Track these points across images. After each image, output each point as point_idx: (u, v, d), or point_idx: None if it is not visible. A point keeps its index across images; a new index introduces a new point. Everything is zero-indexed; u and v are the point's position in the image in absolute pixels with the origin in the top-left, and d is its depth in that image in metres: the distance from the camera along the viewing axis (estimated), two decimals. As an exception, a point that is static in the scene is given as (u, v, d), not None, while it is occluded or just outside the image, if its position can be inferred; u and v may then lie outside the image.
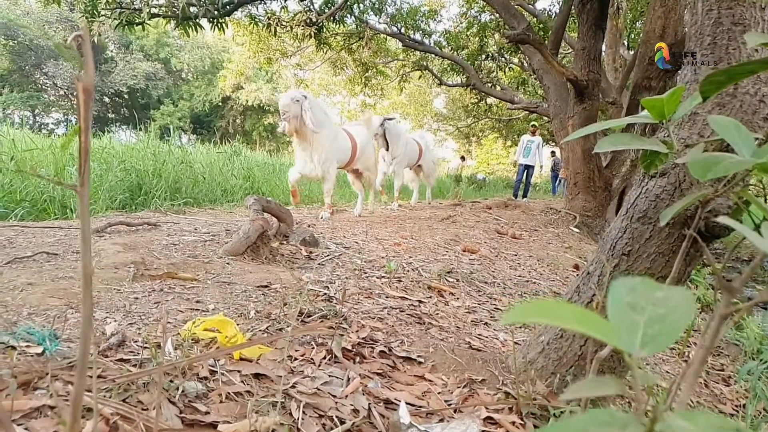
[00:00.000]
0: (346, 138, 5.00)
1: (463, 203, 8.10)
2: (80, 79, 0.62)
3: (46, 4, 8.17)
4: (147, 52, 33.06)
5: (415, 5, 11.70)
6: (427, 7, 12.66)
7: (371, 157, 5.56)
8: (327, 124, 4.62)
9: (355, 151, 5.10)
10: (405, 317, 2.00)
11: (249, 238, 2.62)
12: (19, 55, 33.68)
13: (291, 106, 4.32)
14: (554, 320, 0.39)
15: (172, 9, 7.94)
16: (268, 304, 1.87)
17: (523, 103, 10.32)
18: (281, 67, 16.95)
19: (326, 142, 4.59)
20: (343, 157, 4.95)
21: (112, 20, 7.99)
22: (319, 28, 9.56)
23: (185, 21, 7.91)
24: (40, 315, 1.50)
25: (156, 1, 8.02)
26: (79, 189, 0.65)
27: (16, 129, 18.88)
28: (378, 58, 13.25)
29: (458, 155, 24.39)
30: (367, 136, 5.51)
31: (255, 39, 12.79)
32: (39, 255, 2.07)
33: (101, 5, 7.73)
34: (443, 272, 2.82)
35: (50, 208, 3.88)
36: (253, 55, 13.95)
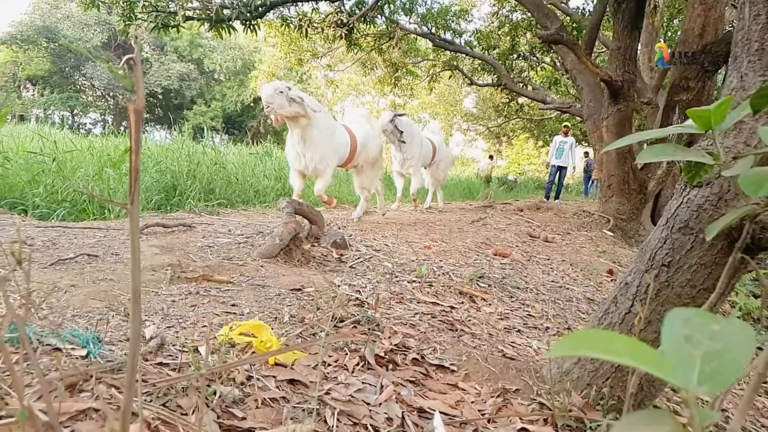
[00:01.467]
0: (345, 134, 4.65)
1: (494, 205, 8.03)
2: (131, 101, 0.64)
3: (85, 8, 8.40)
4: (181, 53, 33.69)
5: (446, 5, 11.65)
6: (458, 6, 12.58)
7: (372, 153, 5.04)
8: (321, 119, 4.30)
9: (355, 147, 4.73)
10: (437, 323, 1.99)
11: (282, 242, 2.65)
12: (59, 57, 34.72)
13: (275, 97, 4.05)
14: (606, 353, 0.38)
15: (206, 12, 8.07)
16: (301, 308, 1.89)
17: (555, 103, 10.19)
18: (312, 68, 17.06)
19: (323, 137, 4.27)
20: (341, 154, 4.60)
21: (148, 23, 8.17)
22: (350, 29, 9.61)
23: (219, 23, 8.04)
24: (83, 317, 1.54)
25: (190, 4, 8.18)
26: (129, 207, 0.67)
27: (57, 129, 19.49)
28: (408, 58, 13.23)
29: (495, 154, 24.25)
30: (368, 131, 5.05)
31: (286, 40, 12.90)
32: (80, 257, 2.13)
33: (138, 9, 7.90)
34: (475, 277, 2.80)
35: (89, 208, 3.98)
36: (285, 56, 14.07)
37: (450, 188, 12.66)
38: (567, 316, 2.56)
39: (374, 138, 5.10)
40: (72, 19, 33.86)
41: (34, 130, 6.61)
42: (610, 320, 1.51)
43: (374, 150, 5.04)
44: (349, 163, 4.80)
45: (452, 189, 12.63)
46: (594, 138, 6.63)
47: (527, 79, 12.02)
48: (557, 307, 2.69)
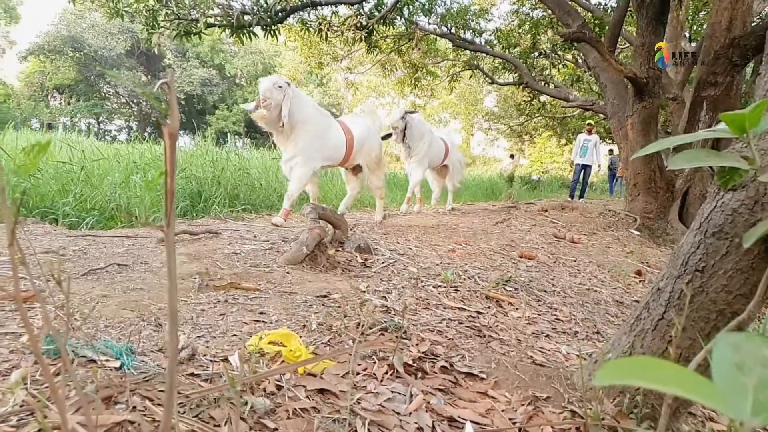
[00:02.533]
0: (339, 132, 4.38)
1: (518, 205, 7.96)
2: (166, 124, 0.64)
3: (110, 18, 8.57)
4: (202, 58, 34.14)
5: (465, 4, 11.60)
6: (477, 6, 12.52)
7: (373, 151, 4.77)
8: (312, 120, 4.08)
9: (352, 145, 4.45)
10: (464, 329, 1.98)
11: (307, 248, 2.66)
12: (84, 65, 35.48)
13: (273, 91, 3.82)
14: (653, 382, 0.37)
15: (227, 18, 8.17)
16: (328, 315, 1.89)
17: (578, 101, 10.06)
18: (332, 70, 17.14)
19: (304, 138, 4.02)
20: (333, 154, 4.33)
21: (171, 31, 8.30)
22: (369, 31, 9.63)
23: (240, 29, 8.13)
24: (115, 327, 1.56)
25: (212, 11, 8.28)
26: (165, 229, 0.68)
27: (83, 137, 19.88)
28: (428, 59, 13.20)
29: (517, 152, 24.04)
30: (368, 128, 4.75)
31: (306, 44, 12.98)
32: (111, 266, 2.17)
33: (161, 17, 8.02)
34: (501, 281, 2.78)
35: (117, 216, 4.05)
36: (305, 60, 14.16)
37: (473, 188, 12.60)
38: (596, 320, 2.53)
39: (375, 134, 4.84)
40: (96, 28, 34.58)
41: (62, 140, 6.75)
42: (643, 326, 1.48)
43: (376, 149, 4.82)
44: (346, 161, 4.57)
45: (474, 189, 12.56)
46: (619, 136, 6.54)
47: (549, 77, 11.90)
48: (585, 311, 2.65)
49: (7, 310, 1.57)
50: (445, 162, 6.81)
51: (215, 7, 8.32)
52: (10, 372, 1.20)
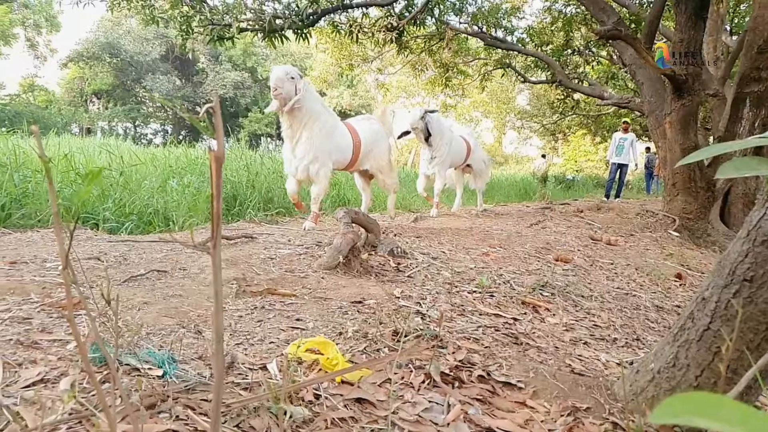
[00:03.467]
0: (346, 134, 4.20)
1: (552, 206, 7.85)
2: (212, 149, 0.65)
3: (146, 24, 8.79)
4: (235, 62, 34.68)
5: (497, 3, 11.51)
6: (508, 4, 12.39)
7: (383, 156, 4.58)
8: (322, 117, 3.94)
9: (358, 149, 4.27)
10: (501, 337, 1.96)
11: (341, 253, 2.67)
12: (121, 71, 36.45)
13: (285, 82, 3.67)
14: (714, 421, 0.36)
15: (259, 23, 8.29)
16: (363, 322, 1.89)
17: (613, 98, 9.86)
18: (362, 72, 17.20)
19: (318, 137, 3.87)
20: (340, 156, 4.15)
21: (205, 36, 8.45)
22: (400, 32, 9.63)
23: (272, 33, 8.23)
24: (156, 334, 1.60)
25: (244, 15, 8.40)
26: (212, 251, 0.69)
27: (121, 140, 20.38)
28: (459, 58, 13.12)
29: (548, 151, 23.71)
30: (376, 131, 4.56)
31: (337, 46, 13.06)
32: (150, 273, 2.22)
33: (195, 23, 8.18)
34: (537, 286, 2.74)
35: (155, 221, 4.14)
36: (336, 62, 14.24)
37: (506, 189, 12.48)
38: (635, 326, 2.47)
39: (383, 138, 4.64)
40: (132, 34, 35.51)
41: (101, 145, 6.95)
42: (687, 337, 1.44)
43: (385, 153, 4.64)
44: (353, 165, 4.40)
45: (508, 189, 12.45)
46: (657, 135, 6.37)
47: (583, 74, 11.71)
48: (624, 316, 2.59)
49: (55, 317, 1.61)
50: (468, 161, 6.58)
51: (247, 12, 8.45)
52: (59, 379, 1.24)
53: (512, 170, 28.99)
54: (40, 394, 1.15)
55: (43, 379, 1.23)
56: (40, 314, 1.62)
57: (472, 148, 6.55)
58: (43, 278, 1.99)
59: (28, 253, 2.47)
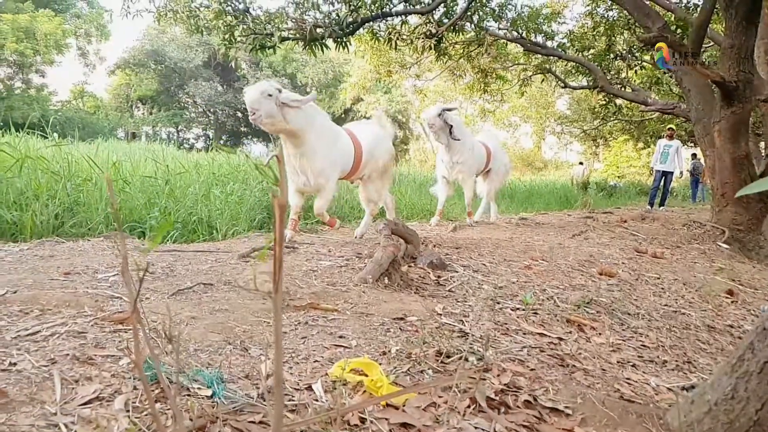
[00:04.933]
0: (348, 141, 3.96)
1: (595, 215, 7.68)
2: (276, 195, 0.66)
3: (190, 34, 9.01)
4: (275, 68, 35.23)
5: (537, 8, 11.35)
6: (548, 9, 12.21)
7: (381, 160, 4.26)
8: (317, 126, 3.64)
9: (360, 155, 4.01)
10: (546, 358, 1.92)
11: (382, 266, 2.67)
12: (165, 77, 37.51)
13: (261, 102, 3.29)
14: None
15: (300, 32, 8.39)
16: (406, 340, 1.89)
17: (657, 104, 9.60)
18: (400, 78, 17.23)
19: (321, 147, 3.62)
20: (344, 165, 3.92)
21: (247, 45, 8.61)
22: (439, 39, 9.61)
23: (312, 42, 8.32)
24: (204, 351, 1.62)
25: (285, 25, 8.52)
26: (273, 296, 0.69)
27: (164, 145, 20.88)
28: (498, 64, 13.01)
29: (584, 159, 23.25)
30: (377, 134, 4.29)
31: (375, 53, 13.12)
32: (197, 286, 2.26)
33: (238, 32, 8.34)
34: (582, 302, 2.68)
35: (199, 229, 4.23)
36: (374, 69, 14.30)
37: (546, 196, 12.28)
38: (685, 347, 2.39)
39: (384, 142, 4.35)
40: (176, 42, 36.49)
41: (147, 151, 7.14)
42: (746, 368, 1.38)
43: (384, 157, 4.30)
44: (354, 174, 4.10)
45: (548, 197, 12.24)
46: (704, 143, 6.17)
47: (626, 80, 11.43)
48: (674, 336, 2.51)
49: (107, 332, 1.66)
50: (489, 167, 6.23)
51: (289, 21, 8.57)
52: (114, 397, 1.27)
53: (551, 176, 28.52)
54: (97, 413, 1.19)
55: (99, 396, 1.26)
56: (93, 328, 1.67)
57: (492, 152, 6.20)
58: (95, 290, 2.05)
59: (80, 263, 2.55)
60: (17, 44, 28.62)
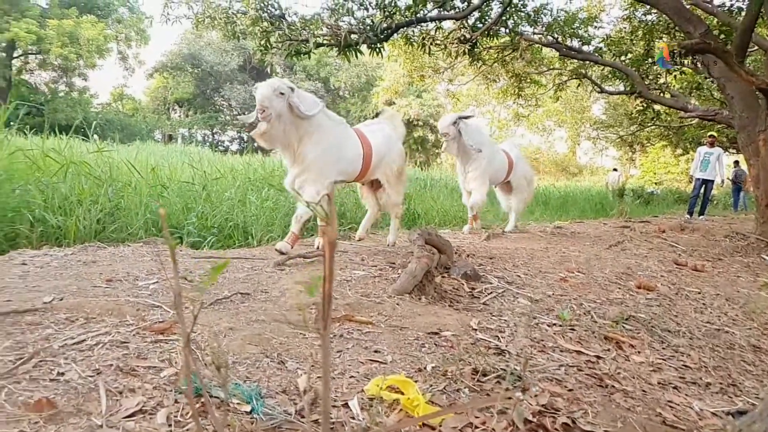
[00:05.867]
0: (356, 143, 3.76)
1: (632, 224, 7.51)
2: (326, 232, 0.66)
3: (228, 39, 9.18)
4: (309, 72, 35.61)
5: (573, 12, 11.19)
6: (585, 13, 12.02)
7: (393, 164, 4.05)
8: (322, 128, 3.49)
9: (369, 158, 3.81)
10: (584, 378, 1.89)
11: (416, 278, 2.67)
12: (201, 80, 38.30)
13: (273, 100, 3.16)
14: None
15: (335, 38, 8.46)
16: (441, 356, 1.88)
17: (698, 111, 9.34)
18: (433, 82, 17.19)
19: (314, 149, 3.41)
20: (349, 167, 3.70)
21: (283, 51, 8.72)
22: (473, 44, 9.57)
23: (346, 48, 8.38)
24: (242, 363, 1.64)
25: (320, 31, 8.60)
26: (322, 332, 0.70)
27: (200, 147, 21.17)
28: (532, 68, 12.87)
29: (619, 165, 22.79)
30: (388, 136, 4.07)
31: (409, 57, 13.13)
32: (234, 295, 2.29)
33: (273, 38, 8.45)
34: (620, 318, 2.63)
35: (234, 234, 4.29)
36: (407, 73, 14.32)
37: (581, 203, 12.08)
38: (730, 368, 2.31)
39: (396, 144, 4.16)
40: (212, 46, 37.23)
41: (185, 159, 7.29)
42: (799, 399, 1.33)
43: (397, 160, 4.10)
44: (363, 176, 3.92)
45: (583, 204, 12.04)
46: (748, 152, 5.99)
47: (665, 85, 11.16)
48: (717, 356, 2.44)
49: (149, 342, 1.69)
50: (509, 178, 5.92)
51: (323, 27, 8.64)
52: (156, 410, 1.29)
53: (586, 182, 28.06)
54: (141, 426, 1.21)
55: (142, 409, 1.29)
56: (135, 338, 1.70)
57: (514, 163, 5.89)
58: (136, 299, 2.10)
59: (121, 269, 2.61)
60: (62, 49, 29.60)
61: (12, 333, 1.63)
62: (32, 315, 1.78)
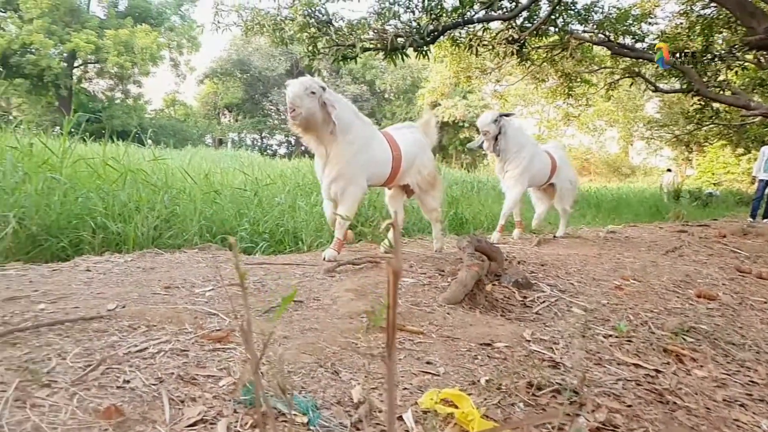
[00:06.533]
0: (385, 146, 3.63)
1: (689, 228, 7.23)
2: (390, 262, 0.66)
3: (276, 46, 9.37)
4: (354, 75, 35.89)
5: (625, 9, 10.86)
6: (639, 9, 11.65)
7: (426, 169, 3.92)
8: (354, 129, 3.41)
9: (399, 162, 3.68)
10: (643, 393, 1.83)
11: (466, 287, 2.64)
12: (250, 85, 39.20)
13: (304, 99, 3.11)
14: None
15: (381, 42, 8.50)
16: (495, 369, 1.85)
17: (761, 108, 8.92)
18: (480, 83, 17.03)
19: (347, 151, 3.35)
20: (377, 171, 3.59)
21: (330, 56, 8.83)
22: (521, 44, 9.43)
23: (393, 52, 8.41)
24: (296, 373, 1.67)
25: (366, 35, 8.66)
26: (386, 361, 0.70)
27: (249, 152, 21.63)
28: (582, 67, 12.57)
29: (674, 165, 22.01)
30: (418, 140, 3.95)
31: (455, 59, 13.04)
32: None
33: (321, 43, 8.56)
34: (680, 330, 2.53)
35: (285, 240, 4.36)
36: (454, 75, 14.23)
37: (634, 206, 11.71)
38: (800, 385, 2.19)
39: (427, 151, 4.02)
40: (260, 51, 38.06)
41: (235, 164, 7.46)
42: None
43: (429, 166, 3.97)
44: (392, 181, 3.81)
45: (637, 207, 11.67)
46: (818, 152, 5.67)
47: (725, 82, 10.70)
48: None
49: (207, 350, 1.74)
50: (552, 180, 5.69)
51: (370, 31, 8.69)
52: (217, 420, 1.33)
53: (640, 183, 27.18)
54: (201, 437, 1.25)
55: (203, 419, 1.33)
56: (194, 346, 1.75)
57: (558, 166, 5.65)
58: (193, 306, 2.16)
59: (178, 276, 2.69)
60: (118, 57, 30.88)
61: (80, 340, 1.70)
62: (98, 322, 1.86)
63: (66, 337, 1.71)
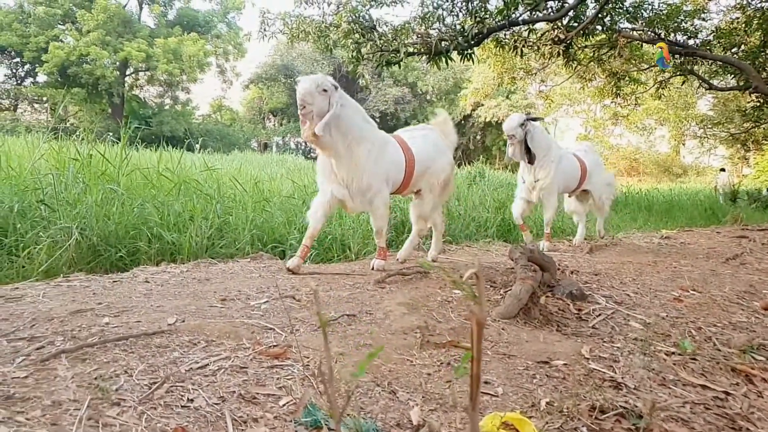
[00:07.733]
0: (398, 151, 3.45)
1: (749, 233, 6.91)
2: (474, 312, 0.65)
3: (321, 51, 9.47)
4: (396, 77, 35.94)
5: (676, 4, 10.51)
6: (690, 5, 11.25)
7: (443, 173, 3.72)
8: (368, 136, 3.23)
9: (412, 167, 3.48)
10: (713, 418, 1.75)
11: (521, 301, 2.60)
12: (294, 90, 39.69)
13: (315, 96, 2.95)
14: None
15: (425, 46, 8.48)
16: (554, 389, 1.81)
17: (826, 105, 8.48)
18: (524, 84, 16.79)
19: (368, 160, 3.18)
20: (395, 177, 3.43)
21: (374, 61, 8.86)
22: (567, 45, 9.25)
23: (437, 55, 8.37)
24: (354, 392, 1.67)
25: (410, 39, 8.65)
26: (469, 412, 0.68)
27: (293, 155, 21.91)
28: (631, 66, 12.23)
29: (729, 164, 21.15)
30: (434, 143, 3.74)
31: (499, 60, 12.89)
32: (341, 317, 2.34)
33: (365, 49, 8.59)
34: (748, 347, 2.42)
35: (333, 248, 4.39)
36: (497, 76, 14.06)
37: (688, 209, 11.29)
38: None
39: (445, 155, 3.80)
40: (304, 56, 38.58)
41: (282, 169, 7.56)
42: None
43: (446, 170, 3.75)
44: (405, 188, 3.61)
45: (691, 210, 11.24)
46: None
47: (785, 79, 10.22)
48: None
49: (265, 367, 1.76)
50: (584, 186, 5.39)
51: (414, 36, 8.67)
52: (279, 443, 1.34)
53: (692, 183, 26.21)
54: (266, 460, 1.26)
55: (266, 440, 1.34)
56: (253, 363, 1.78)
57: (588, 170, 5.33)
58: (249, 320, 2.19)
59: (233, 287, 2.75)
60: (167, 65, 31.87)
61: (144, 356, 1.75)
62: (160, 337, 1.91)
63: (131, 353, 1.76)
